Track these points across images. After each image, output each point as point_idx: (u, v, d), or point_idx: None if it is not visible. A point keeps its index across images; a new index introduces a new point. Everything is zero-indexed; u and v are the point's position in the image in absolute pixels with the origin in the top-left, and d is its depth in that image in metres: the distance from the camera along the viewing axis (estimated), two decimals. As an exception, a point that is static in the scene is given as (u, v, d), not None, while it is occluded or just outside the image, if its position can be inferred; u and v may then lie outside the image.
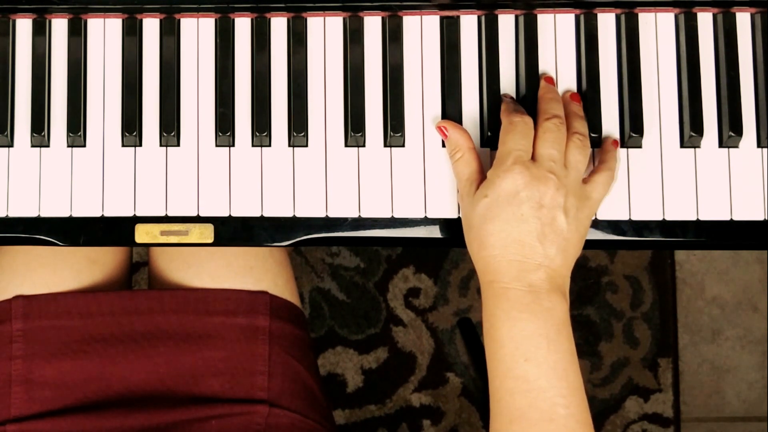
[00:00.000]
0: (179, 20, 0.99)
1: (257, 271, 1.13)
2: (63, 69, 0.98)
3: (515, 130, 0.92)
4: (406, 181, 0.98)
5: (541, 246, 0.89)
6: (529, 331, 0.87)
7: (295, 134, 0.97)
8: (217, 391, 1.08)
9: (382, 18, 1.00)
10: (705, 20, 1.00)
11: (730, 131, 0.98)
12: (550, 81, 0.98)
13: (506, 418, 0.87)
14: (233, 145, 0.98)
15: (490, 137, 0.97)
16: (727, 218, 0.98)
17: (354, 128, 0.97)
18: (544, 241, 0.89)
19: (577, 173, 0.92)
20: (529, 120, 0.93)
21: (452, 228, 0.98)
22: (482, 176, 0.94)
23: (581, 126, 0.95)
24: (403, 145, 0.98)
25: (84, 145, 0.98)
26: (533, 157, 0.91)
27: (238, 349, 1.09)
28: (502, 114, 0.95)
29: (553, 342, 0.87)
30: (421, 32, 1.00)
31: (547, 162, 0.90)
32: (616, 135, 0.99)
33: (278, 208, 0.97)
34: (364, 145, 0.98)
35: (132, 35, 0.98)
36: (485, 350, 0.90)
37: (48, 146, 0.97)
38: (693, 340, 1.83)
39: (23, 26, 0.99)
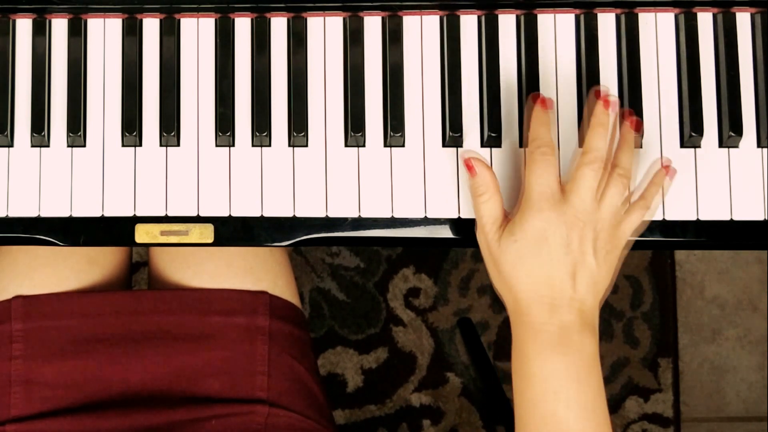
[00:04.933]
0: (179, 20, 0.99)
1: (257, 271, 1.13)
2: (63, 69, 0.98)
3: (541, 167, 0.90)
4: (406, 181, 0.98)
5: (572, 286, 0.89)
6: (560, 370, 0.88)
7: (295, 134, 0.97)
8: (217, 391, 1.08)
9: (382, 18, 1.00)
10: (705, 20, 1.00)
11: (730, 131, 0.98)
12: (607, 103, 0.92)
13: None
14: (233, 145, 0.98)
15: (490, 137, 0.97)
16: (727, 218, 0.98)
17: (354, 128, 0.97)
18: (574, 281, 0.89)
19: (610, 214, 0.90)
20: (553, 155, 0.90)
21: (453, 228, 0.98)
22: (505, 216, 0.93)
23: (627, 159, 0.92)
24: (403, 145, 0.98)
25: (84, 145, 0.98)
26: (564, 192, 0.90)
27: (238, 349, 1.09)
28: (530, 135, 0.92)
29: (583, 380, 0.88)
30: (421, 32, 1.00)
31: (579, 204, 0.89)
32: (617, 135, 0.99)
33: (278, 208, 0.97)
34: (364, 145, 0.98)
35: (132, 35, 0.98)
36: (513, 386, 0.91)
37: (48, 146, 0.97)
38: (693, 340, 1.83)
39: (23, 26, 0.99)
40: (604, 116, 0.92)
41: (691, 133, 0.98)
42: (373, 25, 0.99)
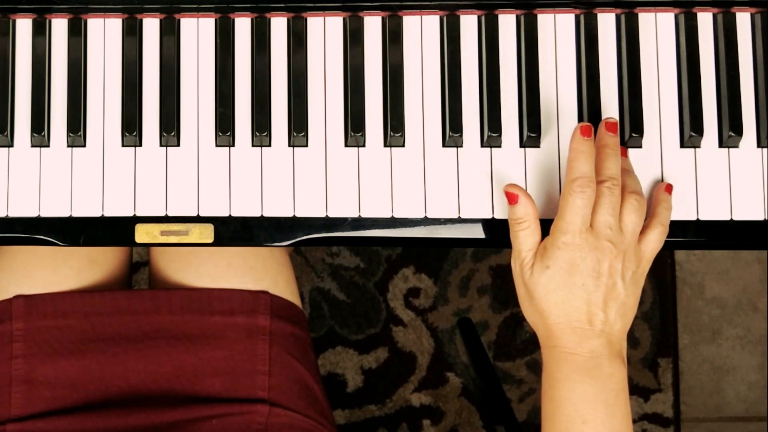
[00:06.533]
0: (179, 20, 0.99)
1: (257, 271, 1.13)
2: (63, 69, 0.98)
3: (578, 201, 0.91)
4: (406, 181, 0.98)
5: (603, 313, 0.91)
6: (588, 395, 0.90)
7: (295, 134, 0.97)
8: (218, 390, 1.08)
9: (382, 18, 1.00)
10: (705, 20, 1.00)
11: (730, 131, 0.98)
12: (612, 128, 0.94)
13: None
14: (233, 145, 0.98)
15: (490, 137, 0.97)
16: (727, 218, 0.98)
17: (354, 128, 0.97)
18: (605, 308, 0.91)
19: (633, 235, 0.92)
20: (591, 188, 0.91)
21: (452, 228, 0.98)
22: (539, 242, 0.94)
23: (635, 183, 0.94)
24: (403, 145, 0.98)
25: (84, 145, 0.98)
26: (591, 223, 0.91)
27: (239, 348, 1.09)
28: (569, 165, 0.93)
29: (611, 406, 0.90)
30: (421, 32, 1.00)
31: (604, 230, 0.91)
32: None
33: (278, 208, 0.97)
34: (364, 145, 0.98)
35: (132, 35, 0.98)
36: (542, 410, 0.92)
37: (48, 146, 0.97)
38: (693, 340, 1.83)
39: (23, 26, 0.99)
40: (607, 140, 0.93)
41: (691, 133, 0.98)
42: (373, 25, 0.99)
